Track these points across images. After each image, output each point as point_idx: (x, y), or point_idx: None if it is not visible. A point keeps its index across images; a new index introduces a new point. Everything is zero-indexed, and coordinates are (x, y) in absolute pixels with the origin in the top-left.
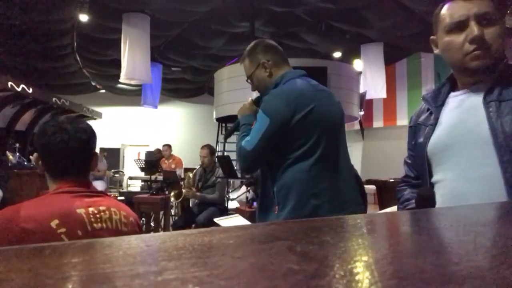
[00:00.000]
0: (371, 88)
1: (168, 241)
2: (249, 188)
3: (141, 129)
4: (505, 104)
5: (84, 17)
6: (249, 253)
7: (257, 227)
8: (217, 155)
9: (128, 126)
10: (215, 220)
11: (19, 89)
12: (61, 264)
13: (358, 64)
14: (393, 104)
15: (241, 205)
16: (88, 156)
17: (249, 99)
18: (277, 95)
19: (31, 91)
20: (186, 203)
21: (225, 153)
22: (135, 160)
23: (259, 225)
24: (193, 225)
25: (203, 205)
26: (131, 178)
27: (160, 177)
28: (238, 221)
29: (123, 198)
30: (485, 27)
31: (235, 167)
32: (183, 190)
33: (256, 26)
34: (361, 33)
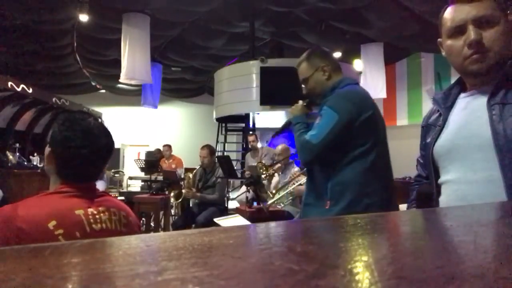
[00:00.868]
0: (371, 88)
1: (168, 241)
2: (249, 188)
3: (141, 129)
4: (508, 106)
5: (84, 17)
6: (249, 253)
7: (257, 227)
8: (217, 155)
9: (128, 126)
10: (215, 220)
11: (19, 89)
12: (61, 264)
13: (358, 64)
14: (393, 104)
15: (241, 205)
16: (104, 164)
17: (300, 101)
18: (344, 95)
19: (31, 91)
20: (186, 203)
21: (225, 153)
22: (135, 160)
23: (259, 225)
24: (193, 225)
25: (203, 205)
26: (131, 178)
27: (160, 177)
28: (238, 221)
29: (123, 198)
30: (485, 29)
31: (235, 167)
32: (183, 190)
33: (256, 26)
34: (361, 33)
